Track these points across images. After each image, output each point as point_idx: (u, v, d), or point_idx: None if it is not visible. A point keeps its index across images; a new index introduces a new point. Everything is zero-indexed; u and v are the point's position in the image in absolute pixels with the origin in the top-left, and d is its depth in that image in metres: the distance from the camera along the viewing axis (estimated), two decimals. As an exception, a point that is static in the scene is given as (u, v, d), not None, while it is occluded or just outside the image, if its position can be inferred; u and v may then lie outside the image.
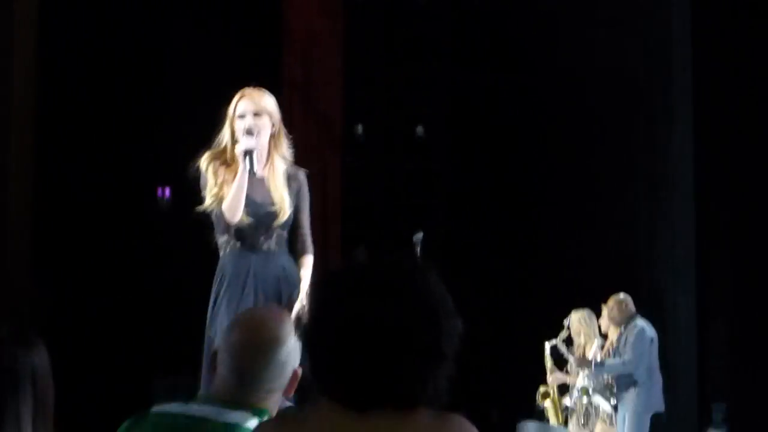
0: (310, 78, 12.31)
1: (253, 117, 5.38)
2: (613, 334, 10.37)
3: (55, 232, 11.18)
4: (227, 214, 5.33)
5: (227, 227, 5.39)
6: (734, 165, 12.69)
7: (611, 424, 10.21)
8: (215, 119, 5.46)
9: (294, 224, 5.49)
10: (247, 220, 5.35)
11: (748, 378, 12.77)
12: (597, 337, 10.45)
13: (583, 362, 10.14)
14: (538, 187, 12.62)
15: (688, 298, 11.82)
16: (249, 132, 5.34)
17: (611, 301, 10.30)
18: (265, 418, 2.81)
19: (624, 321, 10.20)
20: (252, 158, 5.29)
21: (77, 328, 10.87)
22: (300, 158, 5.66)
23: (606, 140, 12.08)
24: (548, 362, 10.62)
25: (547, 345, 10.55)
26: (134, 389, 10.35)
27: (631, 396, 10.02)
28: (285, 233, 5.44)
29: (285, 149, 5.50)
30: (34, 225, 10.84)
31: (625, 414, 10.04)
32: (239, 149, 5.32)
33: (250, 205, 5.36)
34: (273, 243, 5.40)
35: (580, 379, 10.28)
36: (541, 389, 10.66)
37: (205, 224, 5.53)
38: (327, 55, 12.38)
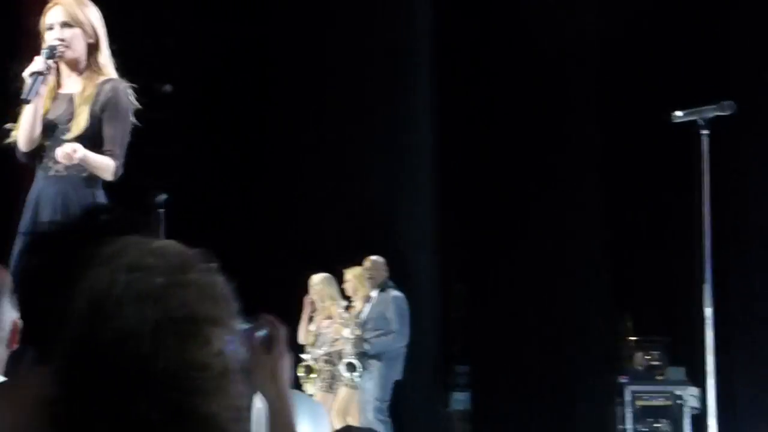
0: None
1: (62, 27, 4.76)
2: (359, 300, 10.21)
3: None
4: (19, 144, 4.77)
5: (22, 155, 4.80)
6: (473, 128, 12.78)
7: (353, 388, 10.09)
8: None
9: (97, 141, 4.80)
10: (43, 141, 4.76)
11: (488, 340, 12.89)
12: (339, 300, 10.29)
13: (359, 342, 9.96)
14: (285, 144, 12.36)
15: (430, 261, 11.79)
16: (52, 48, 4.71)
17: (370, 262, 10.12)
18: None
19: (381, 284, 10.07)
20: (36, 82, 4.65)
21: None
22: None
23: (348, 101, 11.92)
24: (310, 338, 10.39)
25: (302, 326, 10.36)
26: None
27: (376, 363, 9.92)
28: None
29: (105, 62, 4.87)
30: None
31: (368, 380, 9.94)
32: (27, 70, 4.70)
33: (47, 125, 4.77)
34: (62, 166, 4.73)
35: (344, 352, 10.08)
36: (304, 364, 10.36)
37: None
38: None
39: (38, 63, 4.69)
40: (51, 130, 4.77)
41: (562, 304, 12.56)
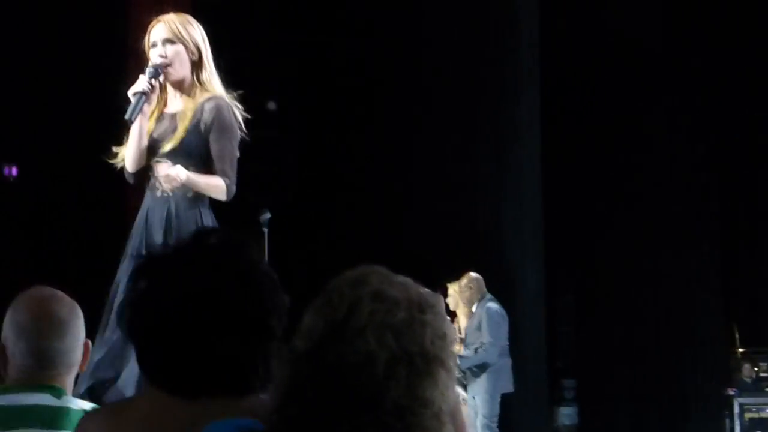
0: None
1: (164, 44, 4.71)
2: (462, 315, 10.21)
3: None
4: (126, 165, 4.75)
5: (130, 176, 4.78)
6: (578, 141, 12.75)
7: (461, 402, 10.07)
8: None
9: (207, 159, 4.74)
10: (149, 161, 4.74)
11: (595, 354, 12.83)
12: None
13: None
14: (389, 160, 12.42)
15: (536, 274, 11.75)
16: (156, 67, 4.67)
17: (465, 280, 10.11)
18: (64, 398, 2.75)
19: (476, 300, 10.06)
20: (139, 101, 4.63)
21: None
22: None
23: (452, 116, 11.94)
24: None
25: None
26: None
27: (481, 378, 9.90)
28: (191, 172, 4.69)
29: (209, 79, 4.79)
30: None
31: (475, 396, 9.93)
32: (131, 90, 4.66)
33: (152, 145, 4.73)
34: (169, 186, 4.68)
35: None
36: None
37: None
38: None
39: (141, 82, 4.67)
40: (155, 150, 4.73)
41: (670, 316, 12.45)
